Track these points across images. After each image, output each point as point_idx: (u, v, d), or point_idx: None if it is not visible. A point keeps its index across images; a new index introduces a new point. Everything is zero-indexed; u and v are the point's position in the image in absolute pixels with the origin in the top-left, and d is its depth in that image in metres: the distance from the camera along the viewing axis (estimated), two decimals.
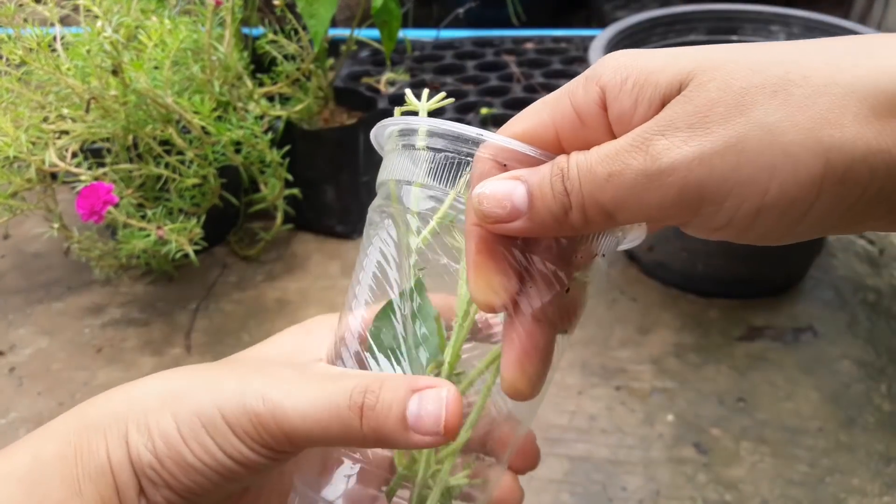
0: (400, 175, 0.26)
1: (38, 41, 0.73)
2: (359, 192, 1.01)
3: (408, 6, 1.52)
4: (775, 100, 0.18)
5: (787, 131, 0.18)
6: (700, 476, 0.67)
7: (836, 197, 0.19)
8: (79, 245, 0.85)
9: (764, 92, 0.18)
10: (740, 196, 0.19)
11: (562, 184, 0.21)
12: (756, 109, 0.18)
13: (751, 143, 0.18)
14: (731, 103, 0.19)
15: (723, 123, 0.19)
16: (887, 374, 0.78)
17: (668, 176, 0.19)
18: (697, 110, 0.19)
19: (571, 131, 0.22)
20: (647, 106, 0.20)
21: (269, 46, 0.91)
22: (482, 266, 0.23)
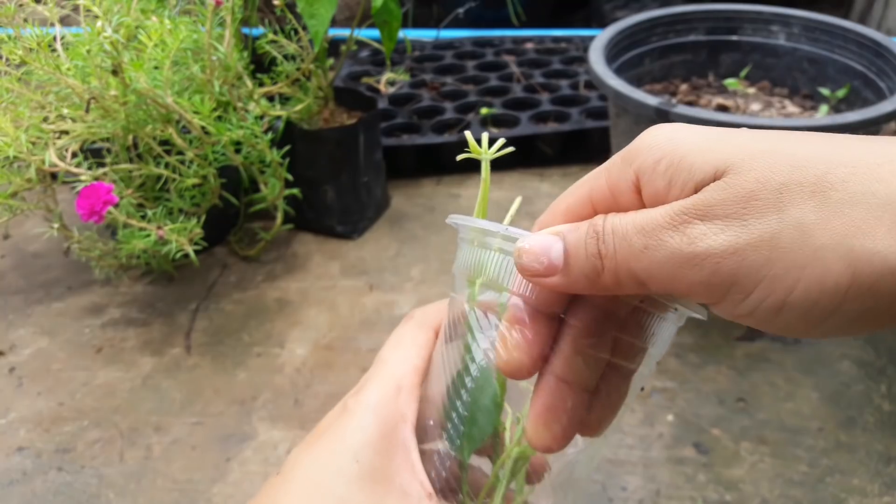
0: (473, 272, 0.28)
1: (38, 41, 0.73)
2: (359, 193, 1.01)
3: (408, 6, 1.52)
4: (812, 201, 0.18)
5: (820, 235, 0.18)
6: (700, 476, 0.67)
7: (863, 305, 0.19)
8: (79, 245, 0.85)
9: (802, 191, 0.19)
10: (767, 289, 0.19)
11: (596, 246, 0.22)
12: (793, 208, 0.19)
13: (784, 240, 0.19)
14: (769, 198, 0.19)
15: (759, 217, 0.19)
16: (887, 375, 0.78)
17: (703, 260, 0.20)
18: (736, 200, 0.19)
19: (606, 209, 0.23)
20: (680, 189, 0.21)
21: (269, 46, 0.91)
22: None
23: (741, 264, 0.19)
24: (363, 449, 0.27)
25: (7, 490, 0.69)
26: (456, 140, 1.14)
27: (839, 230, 0.18)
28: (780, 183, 0.19)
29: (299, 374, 0.81)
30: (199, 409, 0.77)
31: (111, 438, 0.74)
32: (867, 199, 0.18)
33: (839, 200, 0.18)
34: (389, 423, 0.28)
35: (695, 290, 0.21)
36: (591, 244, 0.22)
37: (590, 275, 0.22)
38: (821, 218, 0.18)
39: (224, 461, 0.71)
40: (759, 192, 0.19)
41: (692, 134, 0.21)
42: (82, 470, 0.70)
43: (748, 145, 0.20)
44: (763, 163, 0.19)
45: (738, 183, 0.19)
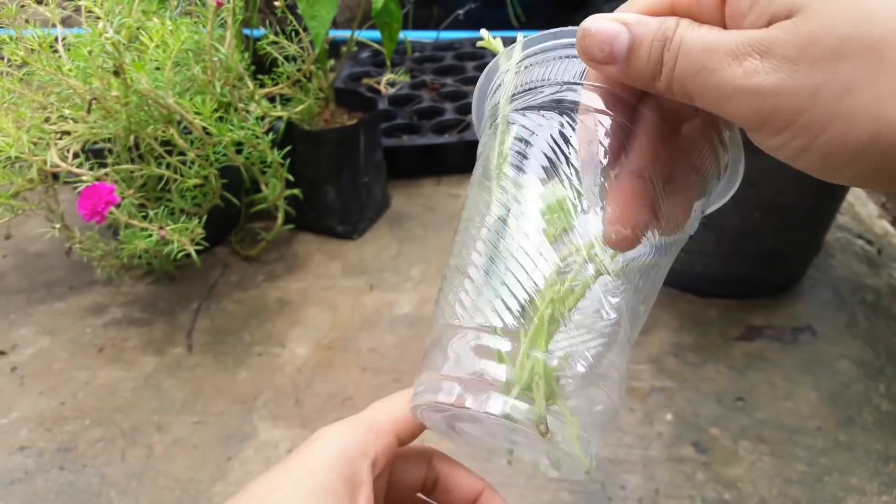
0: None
1: (40, 42, 0.74)
2: (359, 193, 1.01)
3: (408, 7, 1.53)
4: (866, 59, 0.19)
5: (860, 94, 0.19)
6: (699, 475, 0.68)
7: (878, 163, 0.19)
8: (80, 245, 0.86)
9: (860, 47, 0.19)
10: (795, 132, 0.20)
11: (660, 52, 0.22)
12: (846, 63, 0.19)
13: (825, 93, 0.19)
14: (827, 49, 0.19)
15: (811, 66, 0.19)
16: (886, 374, 0.78)
17: (749, 94, 0.21)
18: (796, 43, 0.20)
19: (686, 13, 0.23)
20: (757, 17, 0.21)
21: (270, 48, 0.91)
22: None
23: (780, 106, 0.20)
24: (320, 468, 0.28)
25: (9, 489, 0.69)
26: (456, 140, 1.15)
27: (879, 93, 0.19)
28: (843, 35, 0.19)
29: (300, 373, 0.81)
30: (200, 409, 0.77)
31: (113, 438, 0.74)
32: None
33: (890, 63, 0.18)
34: (350, 453, 0.29)
35: (736, 116, 0.22)
36: (655, 49, 0.22)
37: (647, 76, 0.23)
38: (867, 78, 0.19)
39: (225, 460, 0.71)
40: (820, 41, 0.19)
41: None
42: (84, 469, 0.71)
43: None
44: (833, 10, 0.19)
45: (803, 27, 0.19)
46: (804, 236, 0.87)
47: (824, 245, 0.97)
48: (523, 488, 0.67)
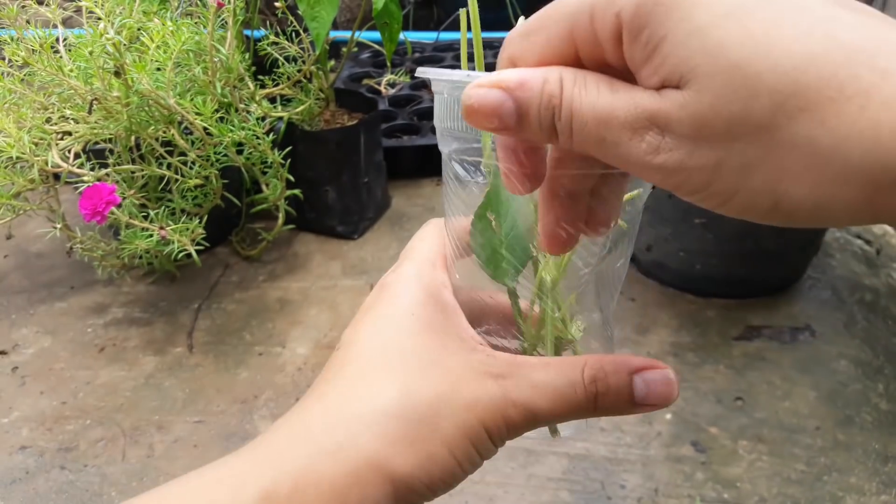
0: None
1: (41, 42, 0.74)
2: (360, 193, 1.01)
3: (408, 8, 1.53)
4: (759, 137, 0.18)
5: (758, 171, 0.19)
6: (698, 474, 0.68)
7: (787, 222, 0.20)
8: (81, 245, 0.86)
9: (752, 126, 0.19)
10: (706, 197, 0.20)
11: (551, 121, 0.22)
12: (739, 143, 0.19)
13: (726, 170, 0.19)
14: (720, 129, 0.19)
15: (708, 144, 0.19)
16: (884, 374, 0.78)
17: (655, 169, 0.20)
18: (690, 123, 0.19)
19: (589, 52, 0.22)
20: (650, 75, 0.20)
21: (271, 48, 0.91)
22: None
23: (687, 179, 0.20)
24: (416, 306, 0.28)
25: (9, 489, 0.69)
26: None
27: (773, 172, 0.18)
28: (732, 115, 0.19)
29: (300, 373, 0.81)
30: (200, 408, 0.77)
31: (113, 437, 0.74)
32: (805, 146, 0.18)
33: (780, 142, 0.18)
34: (432, 288, 0.29)
35: (647, 180, 0.22)
36: (545, 118, 0.22)
37: (545, 139, 0.22)
38: (761, 157, 0.19)
39: None
40: (711, 122, 0.19)
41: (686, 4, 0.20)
42: (85, 469, 0.71)
43: (720, 53, 0.19)
44: (720, 86, 0.19)
45: (692, 105, 0.19)
46: (803, 236, 0.87)
47: (823, 245, 0.97)
48: (523, 488, 0.67)
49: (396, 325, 0.28)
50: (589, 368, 0.27)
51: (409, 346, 0.27)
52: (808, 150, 0.18)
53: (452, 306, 0.29)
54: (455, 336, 0.28)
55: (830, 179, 0.17)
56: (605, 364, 0.27)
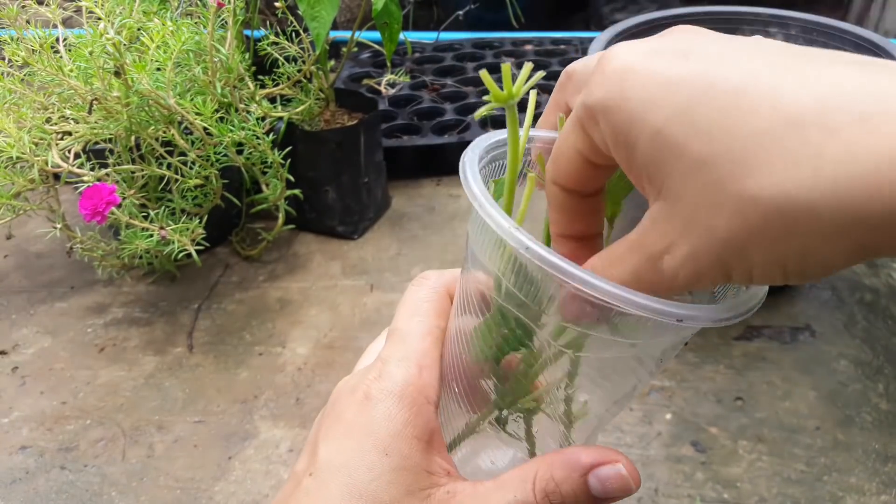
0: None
1: (41, 42, 0.74)
2: (360, 193, 1.01)
3: (408, 8, 1.53)
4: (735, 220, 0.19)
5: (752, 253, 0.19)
6: (698, 474, 0.68)
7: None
8: (82, 245, 0.86)
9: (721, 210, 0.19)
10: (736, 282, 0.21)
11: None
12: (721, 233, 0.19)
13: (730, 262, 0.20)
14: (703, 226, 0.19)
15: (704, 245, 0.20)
16: (884, 374, 0.78)
17: (683, 288, 0.21)
18: (684, 229, 0.20)
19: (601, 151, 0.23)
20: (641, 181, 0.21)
21: (271, 48, 0.91)
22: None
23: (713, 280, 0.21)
24: (392, 440, 0.27)
25: (10, 489, 0.69)
26: (456, 141, 1.15)
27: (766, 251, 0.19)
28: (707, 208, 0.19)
29: (301, 373, 0.81)
30: (201, 408, 0.77)
31: (114, 437, 0.74)
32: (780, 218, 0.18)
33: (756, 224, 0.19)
34: (414, 409, 0.28)
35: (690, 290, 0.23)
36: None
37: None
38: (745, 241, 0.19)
39: (226, 459, 0.71)
40: (696, 221, 0.19)
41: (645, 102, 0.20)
42: (85, 469, 0.71)
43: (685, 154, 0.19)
44: (692, 189, 0.19)
45: (675, 214, 0.20)
46: None
47: None
48: None
49: (368, 466, 0.27)
50: (539, 481, 0.26)
51: (376, 491, 0.26)
52: (781, 221, 0.18)
53: (430, 430, 0.28)
54: (424, 473, 0.27)
55: (820, 240, 0.18)
56: (554, 471, 0.26)
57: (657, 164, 0.20)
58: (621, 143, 0.21)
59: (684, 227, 0.20)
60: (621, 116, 0.20)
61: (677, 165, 0.19)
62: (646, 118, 0.20)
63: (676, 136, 0.19)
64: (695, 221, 0.19)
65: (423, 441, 0.27)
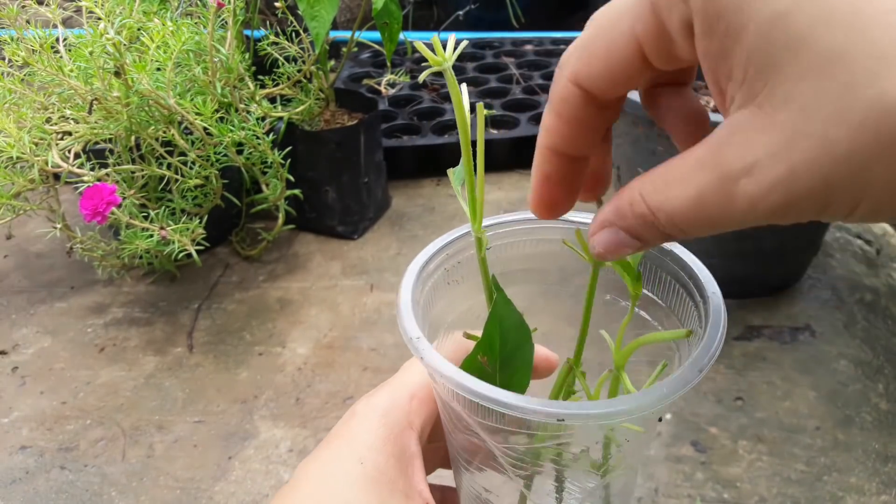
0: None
1: (41, 43, 0.74)
2: (360, 193, 1.01)
3: (408, 8, 1.53)
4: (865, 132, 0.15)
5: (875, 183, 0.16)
6: (698, 474, 0.68)
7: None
8: (82, 245, 0.86)
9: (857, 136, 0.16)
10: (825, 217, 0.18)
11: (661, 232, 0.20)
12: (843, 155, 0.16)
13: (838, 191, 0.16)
14: (818, 146, 0.16)
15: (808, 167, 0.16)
16: (884, 374, 0.78)
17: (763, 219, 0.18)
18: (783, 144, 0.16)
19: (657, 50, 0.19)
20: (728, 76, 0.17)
21: (271, 48, 0.91)
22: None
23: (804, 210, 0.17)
24: (368, 452, 0.27)
25: (10, 489, 0.69)
26: (456, 141, 1.15)
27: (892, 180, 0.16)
28: (828, 123, 0.15)
29: (300, 372, 0.81)
30: (201, 408, 0.77)
31: (113, 437, 0.74)
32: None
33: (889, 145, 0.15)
34: (395, 429, 0.28)
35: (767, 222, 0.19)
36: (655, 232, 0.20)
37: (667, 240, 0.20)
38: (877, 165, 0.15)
39: (226, 459, 0.71)
40: (804, 137, 0.16)
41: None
42: (85, 468, 0.71)
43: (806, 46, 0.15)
44: (810, 91, 0.15)
45: (780, 126, 0.16)
46: (803, 236, 0.87)
47: (823, 245, 0.97)
48: None
49: (345, 472, 0.26)
50: None
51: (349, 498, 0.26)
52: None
53: (410, 454, 0.28)
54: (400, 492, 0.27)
55: None
56: None
57: (767, 59, 0.16)
58: (720, 28, 0.17)
59: (786, 142, 0.16)
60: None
61: (797, 61, 0.15)
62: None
63: (804, 24, 0.15)
64: (804, 133, 0.15)
65: (402, 462, 0.27)
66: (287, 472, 0.70)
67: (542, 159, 0.23)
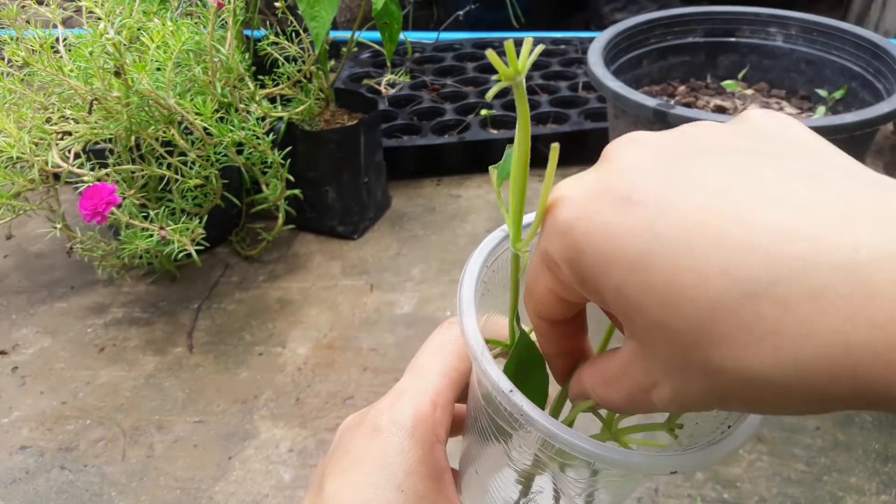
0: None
1: (41, 43, 0.74)
2: (360, 193, 1.01)
3: (408, 8, 1.53)
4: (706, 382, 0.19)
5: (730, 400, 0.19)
6: (698, 474, 0.68)
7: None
8: (81, 245, 0.86)
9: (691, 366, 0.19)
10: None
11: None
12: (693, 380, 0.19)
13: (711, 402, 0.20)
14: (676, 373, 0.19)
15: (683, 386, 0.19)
16: None
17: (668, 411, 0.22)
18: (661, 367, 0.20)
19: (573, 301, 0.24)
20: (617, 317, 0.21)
21: (271, 48, 0.91)
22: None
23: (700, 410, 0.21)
24: (406, 477, 0.26)
25: (10, 488, 0.69)
26: (456, 141, 1.15)
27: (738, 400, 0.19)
28: (678, 365, 0.19)
29: (301, 372, 0.81)
30: (201, 408, 0.77)
31: (113, 437, 0.74)
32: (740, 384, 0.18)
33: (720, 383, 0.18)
34: (427, 447, 0.27)
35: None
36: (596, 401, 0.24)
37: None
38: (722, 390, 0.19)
39: (226, 459, 0.71)
40: (668, 369, 0.19)
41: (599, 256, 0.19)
42: (85, 468, 0.71)
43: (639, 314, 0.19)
44: (660, 346, 0.19)
45: (651, 358, 0.20)
46: None
47: None
48: None
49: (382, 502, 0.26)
50: None
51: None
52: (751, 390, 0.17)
53: (442, 469, 0.27)
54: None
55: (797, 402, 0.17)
56: None
57: (624, 316, 0.19)
58: (589, 290, 0.20)
59: (664, 373, 0.19)
60: (583, 270, 0.20)
61: (641, 323, 0.19)
62: (604, 273, 0.19)
63: (634, 297, 0.18)
64: (670, 373, 0.19)
65: (436, 480, 0.27)
66: (287, 472, 0.70)
67: (549, 361, 0.27)
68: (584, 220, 0.20)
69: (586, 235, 0.20)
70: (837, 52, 0.92)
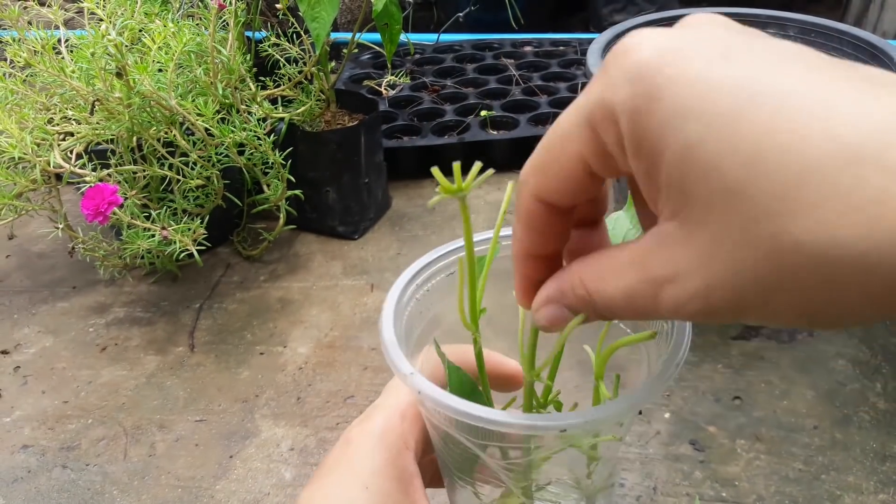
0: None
1: (43, 44, 0.74)
2: (360, 194, 1.02)
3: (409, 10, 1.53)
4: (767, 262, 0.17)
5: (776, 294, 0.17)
6: (697, 473, 0.68)
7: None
8: (83, 245, 0.86)
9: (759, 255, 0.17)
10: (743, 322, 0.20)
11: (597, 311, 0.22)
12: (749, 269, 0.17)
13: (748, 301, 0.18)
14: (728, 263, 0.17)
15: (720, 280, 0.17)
16: (882, 373, 0.79)
17: (686, 318, 0.19)
18: (699, 261, 0.18)
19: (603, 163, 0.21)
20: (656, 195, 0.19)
21: (272, 49, 0.92)
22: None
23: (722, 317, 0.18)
24: (371, 476, 0.28)
25: (12, 487, 0.69)
26: (456, 142, 1.15)
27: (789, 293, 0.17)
28: (736, 245, 0.17)
29: (301, 372, 0.82)
30: (202, 407, 0.78)
31: (115, 436, 0.75)
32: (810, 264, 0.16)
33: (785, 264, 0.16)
34: (394, 452, 0.28)
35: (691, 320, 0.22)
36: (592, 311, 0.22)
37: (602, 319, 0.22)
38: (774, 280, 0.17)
39: (227, 458, 0.72)
40: (717, 257, 0.17)
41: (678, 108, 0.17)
42: (86, 468, 0.71)
43: (713, 177, 0.16)
44: (719, 218, 0.17)
45: (696, 244, 0.18)
46: None
47: None
48: None
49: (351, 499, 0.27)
50: None
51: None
52: (826, 270, 0.16)
53: (409, 474, 0.28)
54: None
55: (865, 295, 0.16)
56: None
57: (682, 183, 0.17)
58: (645, 151, 0.18)
59: (701, 260, 0.17)
60: (651, 121, 0.17)
61: (707, 189, 0.17)
62: (678, 127, 0.17)
63: (711, 155, 0.16)
64: (716, 255, 0.17)
65: (403, 482, 0.28)
66: (288, 471, 0.70)
67: (520, 264, 0.25)
68: (672, 66, 0.17)
69: (670, 81, 0.17)
70: (836, 53, 0.93)
